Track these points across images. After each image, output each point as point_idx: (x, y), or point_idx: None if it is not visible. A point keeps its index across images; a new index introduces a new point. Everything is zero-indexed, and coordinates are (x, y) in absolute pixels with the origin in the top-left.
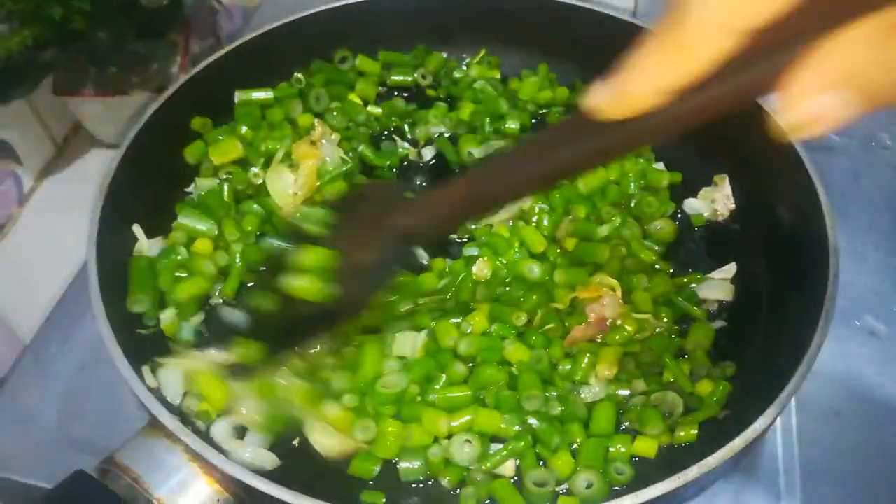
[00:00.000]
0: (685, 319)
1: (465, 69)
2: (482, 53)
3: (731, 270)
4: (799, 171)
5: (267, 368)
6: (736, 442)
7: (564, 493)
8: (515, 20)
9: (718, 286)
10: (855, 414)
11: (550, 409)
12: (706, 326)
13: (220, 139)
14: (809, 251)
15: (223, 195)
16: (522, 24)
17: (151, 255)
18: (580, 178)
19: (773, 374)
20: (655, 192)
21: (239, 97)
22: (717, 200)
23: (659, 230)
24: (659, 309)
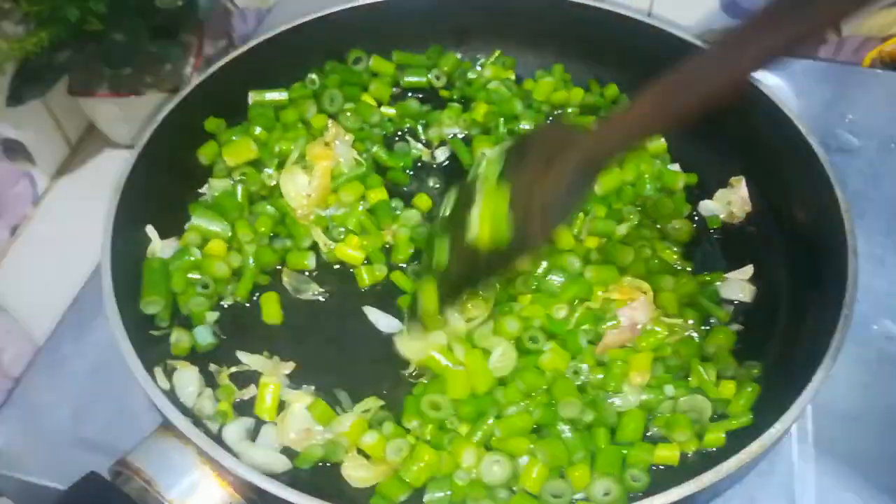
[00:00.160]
0: (703, 322)
1: (479, 70)
2: (497, 54)
3: (747, 272)
4: (817, 172)
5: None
6: (753, 447)
7: (582, 500)
8: (530, 21)
9: (738, 286)
10: (872, 419)
11: (584, 416)
12: (727, 329)
13: (233, 140)
14: (827, 254)
15: (237, 196)
16: (537, 24)
17: (165, 256)
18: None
19: (790, 378)
20: (671, 193)
21: (253, 98)
22: (732, 202)
23: (676, 230)
24: (683, 310)
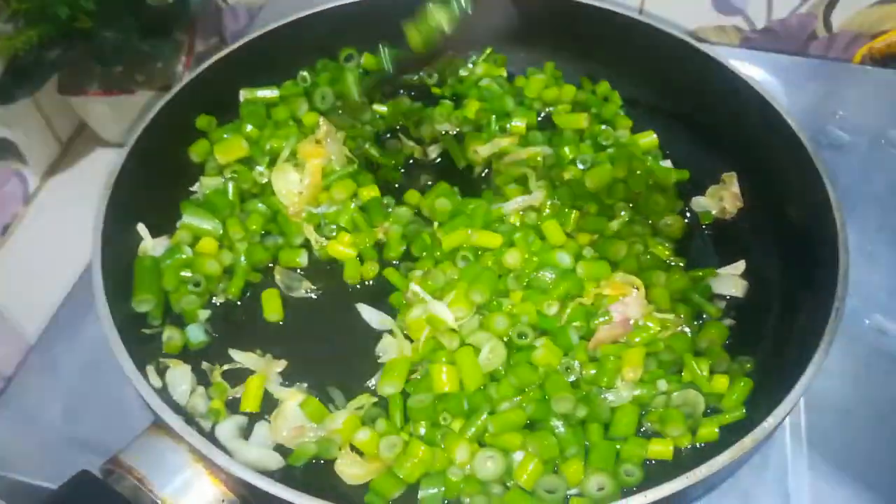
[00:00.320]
0: (695, 318)
1: (470, 67)
2: (488, 51)
3: (739, 267)
4: (808, 168)
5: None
6: (745, 441)
7: (576, 495)
8: (521, 18)
9: (730, 282)
10: (864, 413)
11: (577, 411)
12: (719, 324)
13: (224, 138)
14: (819, 250)
15: (228, 194)
16: (528, 21)
17: (156, 254)
18: (587, 175)
19: (782, 372)
20: (663, 189)
21: (244, 96)
22: (724, 198)
23: (668, 226)
24: (676, 306)
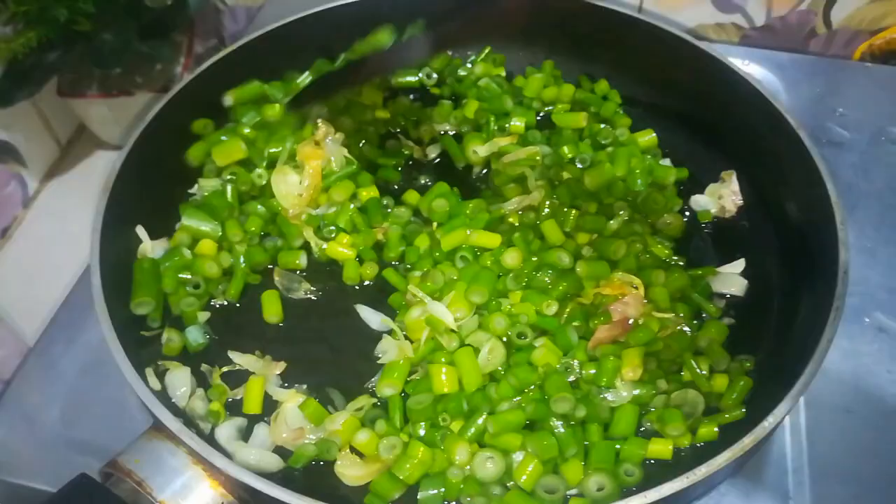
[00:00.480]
0: (695, 317)
1: (469, 67)
2: (487, 51)
3: (739, 266)
4: (807, 166)
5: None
6: (745, 440)
7: (575, 495)
8: (521, 17)
9: (730, 280)
10: (865, 412)
11: (576, 411)
12: (719, 323)
13: (223, 140)
14: (818, 247)
15: (227, 196)
16: (527, 20)
17: (155, 256)
18: (586, 174)
19: (782, 371)
20: (662, 188)
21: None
22: (724, 197)
23: (668, 225)
24: (675, 305)
